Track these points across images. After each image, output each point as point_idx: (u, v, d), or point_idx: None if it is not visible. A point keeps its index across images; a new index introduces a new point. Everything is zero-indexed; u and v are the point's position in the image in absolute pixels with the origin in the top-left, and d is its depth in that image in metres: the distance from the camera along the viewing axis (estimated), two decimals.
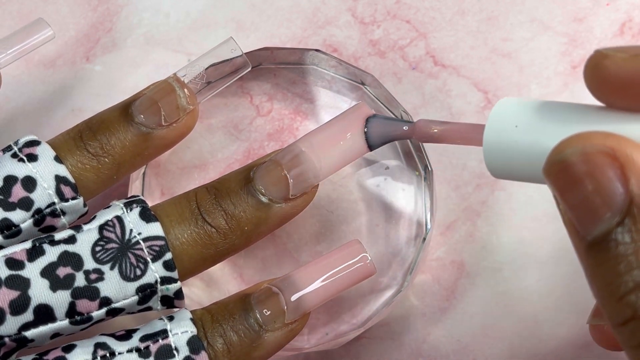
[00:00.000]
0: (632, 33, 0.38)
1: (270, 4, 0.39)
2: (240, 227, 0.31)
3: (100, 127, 0.32)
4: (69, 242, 0.29)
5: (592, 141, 0.21)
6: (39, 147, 0.31)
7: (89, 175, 0.32)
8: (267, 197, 0.31)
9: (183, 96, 0.33)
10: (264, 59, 0.37)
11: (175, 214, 0.31)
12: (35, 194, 0.30)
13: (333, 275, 0.31)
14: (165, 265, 0.30)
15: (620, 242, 0.20)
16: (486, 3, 0.38)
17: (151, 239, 0.30)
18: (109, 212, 0.30)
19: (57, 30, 0.40)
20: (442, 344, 0.37)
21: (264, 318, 0.30)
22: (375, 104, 0.37)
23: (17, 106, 0.39)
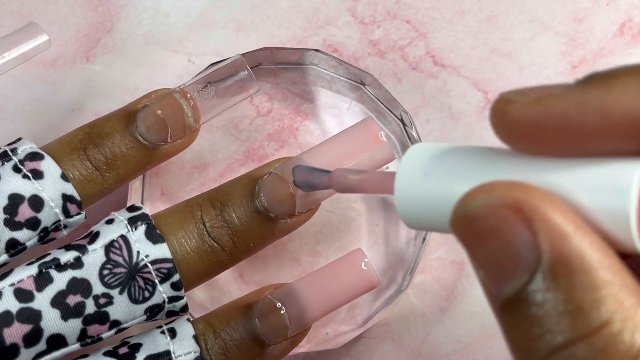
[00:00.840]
0: (632, 33, 0.38)
1: (270, 4, 0.39)
2: (245, 243, 0.31)
3: (104, 140, 0.31)
4: (76, 267, 0.29)
5: (496, 193, 0.19)
6: (43, 162, 0.30)
7: (92, 189, 0.31)
8: (273, 214, 0.31)
9: (191, 115, 0.32)
10: (263, 59, 0.37)
11: (180, 230, 0.30)
12: (42, 214, 0.30)
13: (336, 288, 0.31)
14: (173, 286, 0.29)
15: (531, 303, 0.18)
16: (486, 3, 0.38)
17: (159, 261, 0.29)
18: (112, 230, 0.30)
19: (57, 30, 0.40)
20: (442, 344, 0.37)
21: (267, 333, 0.30)
22: (375, 104, 0.37)
23: (17, 106, 0.39)
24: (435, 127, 0.38)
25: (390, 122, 0.37)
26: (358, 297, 0.32)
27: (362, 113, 0.37)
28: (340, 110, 0.37)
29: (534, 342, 0.18)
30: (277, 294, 0.31)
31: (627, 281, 0.18)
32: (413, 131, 0.35)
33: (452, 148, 0.22)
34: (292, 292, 0.31)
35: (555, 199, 0.19)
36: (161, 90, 0.33)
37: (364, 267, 0.31)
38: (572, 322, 0.18)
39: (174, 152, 0.33)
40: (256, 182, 0.31)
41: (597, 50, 0.38)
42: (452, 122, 0.38)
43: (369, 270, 0.31)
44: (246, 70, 0.33)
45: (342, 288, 0.31)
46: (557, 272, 0.18)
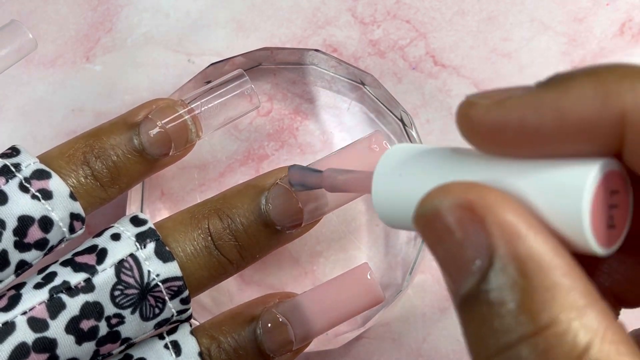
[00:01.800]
0: (632, 33, 0.38)
1: (270, 4, 0.39)
2: (252, 255, 0.31)
3: (108, 154, 0.31)
4: (87, 290, 0.28)
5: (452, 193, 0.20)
6: (51, 181, 0.30)
7: (94, 201, 0.31)
8: (280, 226, 0.31)
9: (194, 131, 0.32)
10: (263, 59, 0.37)
11: (189, 246, 0.30)
12: (51, 234, 0.29)
13: (341, 303, 0.31)
14: (182, 301, 0.30)
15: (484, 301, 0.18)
16: (486, 3, 0.38)
17: (170, 280, 0.29)
18: (121, 248, 0.29)
19: (57, 30, 0.40)
20: (442, 344, 0.37)
21: (272, 347, 0.30)
22: (375, 104, 0.37)
23: (17, 106, 0.39)
24: (435, 127, 0.38)
25: (390, 122, 0.37)
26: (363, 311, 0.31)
27: (362, 113, 0.37)
28: (340, 110, 0.37)
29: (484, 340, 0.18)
30: (282, 308, 0.31)
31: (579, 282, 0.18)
32: (413, 131, 0.35)
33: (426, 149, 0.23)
34: (298, 307, 0.31)
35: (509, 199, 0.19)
36: (162, 100, 0.33)
37: (369, 281, 0.31)
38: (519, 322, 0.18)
39: (171, 162, 0.33)
40: (262, 193, 0.31)
41: (597, 50, 0.38)
42: (452, 122, 0.38)
43: (374, 285, 0.31)
44: (250, 86, 0.33)
45: (347, 303, 0.31)
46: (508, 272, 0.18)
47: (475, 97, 0.21)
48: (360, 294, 0.31)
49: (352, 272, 0.31)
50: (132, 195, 0.36)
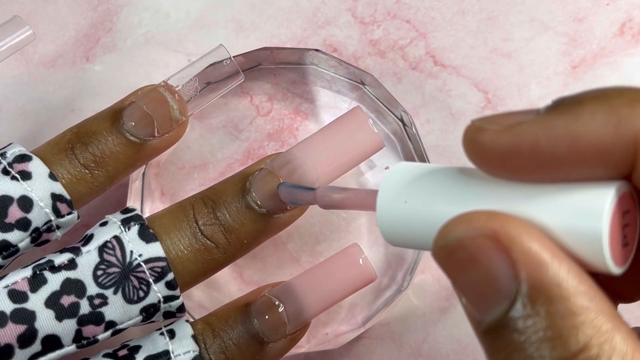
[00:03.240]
0: (632, 33, 0.38)
1: (270, 4, 0.39)
2: (239, 240, 0.31)
3: (92, 139, 0.31)
4: (70, 268, 0.29)
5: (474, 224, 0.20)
6: (31, 163, 0.30)
7: (82, 189, 0.31)
8: (265, 209, 0.31)
9: (176, 108, 0.32)
10: (263, 59, 0.37)
11: (174, 230, 0.30)
12: (32, 214, 0.30)
13: (334, 284, 0.31)
14: (168, 285, 0.30)
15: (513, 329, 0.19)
16: (486, 3, 0.38)
17: (152, 260, 0.29)
18: (106, 232, 0.30)
19: (57, 30, 0.40)
20: (442, 344, 0.37)
21: (266, 330, 0.30)
22: (375, 103, 0.37)
23: (17, 106, 0.39)
24: (435, 127, 0.38)
25: (390, 122, 0.37)
26: (356, 292, 0.31)
27: None
28: (340, 110, 0.37)
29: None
30: (275, 291, 0.31)
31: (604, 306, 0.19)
32: (413, 130, 0.35)
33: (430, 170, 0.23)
34: (290, 289, 0.31)
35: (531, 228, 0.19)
36: (147, 86, 0.33)
37: (360, 261, 0.31)
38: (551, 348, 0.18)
39: (163, 147, 0.33)
40: (247, 179, 0.31)
41: (597, 50, 0.38)
42: (452, 122, 0.38)
43: (366, 264, 0.31)
44: (228, 59, 0.33)
45: (340, 283, 0.31)
46: (535, 299, 0.19)
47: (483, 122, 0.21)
48: (351, 272, 0.31)
49: (343, 252, 0.32)
50: (132, 196, 0.36)
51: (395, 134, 0.37)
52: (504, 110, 0.37)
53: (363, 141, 0.31)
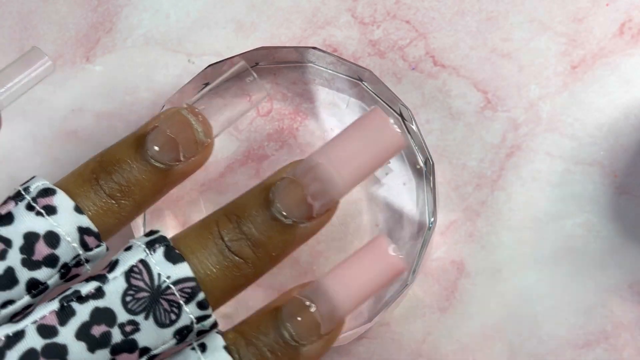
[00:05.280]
0: (632, 33, 0.38)
1: (270, 4, 0.39)
2: (267, 253, 0.30)
3: (116, 167, 0.30)
4: (98, 297, 0.28)
5: None
6: (55, 197, 0.29)
7: (110, 220, 0.30)
8: (290, 219, 0.30)
9: (200, 130, 0.31)
10: (262, 58, 0.37)
11: (200, 249, 0.29)
12: (59, 250, 0.29)
13: (364, 277, 0.30)
14: (199, 305, 0.29)
15: None
16: (486, 3, 0.38)
17: (181, 281, 0.28)
18: (131, 256, 0.29)
19: (57, 30, 0.40)
20: (442, 344, 0.37)
21: (300, 333, 0.29)
22: (374, 99, 0.37)
23: (18, 106, 0.39)
24: (435, 127, 0.38)
25: (390, 117, 0.37)
26: (388, 284, 0.30)
27: (361, 109, 0.37)
28: (339, 108, 0.37)
29: None
30: (305, 292, 0.30)
31: None
32: (413, 125, 0.35)
33: None
34: (320, 288, 0.29)
35: None
36: (169, 109, 0.32)
37: (391, 251, 0.30)
38: None
39: (190, 171, 0.32)
40: (269, 189, 0.30)
41: (597, 50, 0.38)
42: (452, 122, 0.38)
43: (396, 255, 0.30)
44: (252, 77, 0.32)
45: (370, 277, 0.30)
46: None
47: None
48: (382, 264, 0.30)
49: (370, 245, 0.30)
50: None
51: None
52: (504, 110, 0.37)
53: (385, 141, 0.30)
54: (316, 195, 0.30)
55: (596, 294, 0.37)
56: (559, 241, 0.37)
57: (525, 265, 0.37)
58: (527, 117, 0.38)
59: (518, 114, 0.38)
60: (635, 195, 0.37)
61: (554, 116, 0.38)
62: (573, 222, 0.37)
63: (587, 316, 0.37)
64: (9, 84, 0.31)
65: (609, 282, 0.37)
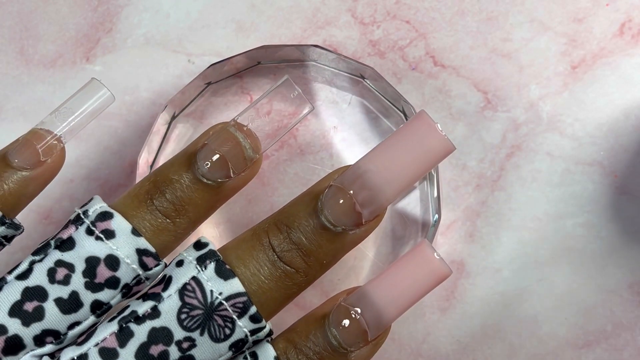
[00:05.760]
0: (632, 33, 0.38)
1: (270, 4, 0.39)
2: (318, 261, 0.30)
3: (169, 187, 0.31)
4: (154, 317, 0.29)
5: None
6: (113, 220, 0.30)
7: (166, 238, 0.31)
8: (340, 227, 0.30)
9: (249, 147, 0.31)
10: (263, 57, 0.37)
11: (251, 260, 0.30)
12: (120, 272, 0.30)
13: (409, 284, 0.30)
14: (252, 319, 0.29)
15: None
16: (486, 3, 0.38)
17: (233, 297, 0.29)
18: (183, 273, 0.29)
19: (57, 30, 0.40)
20: (442, 344, 0.37)
21: (347, 340, 0.30)
22: (376, 97, 0.37)
23: (17, 106, 0.39)
24: None
25: (392, 114, 0.37)
26: (433, 289, 0.30)
27: (364, 107, 0.37)
28: (341, 108, 0.37)
29: None
30: (350, 299, 0.30)
31: None
32: None
33: None
34: (365, 295, 0.30)
35: None
36: (218, 125, 0.32)
37: (436, 256, 0.30)
38: None
39: (240, 185, 0.32)
40: (318, 197, 0.30)
41: (597, 51, 0.38)
42: (452, 122, 0.38)
43: (440, 261, 0.30)
44: (296, 92, 0.32)
45: (415, 283, 0.30)
46: None
47: None
48: (426, 269, 0.30)
49: (414, 251, 0.30)
50: None
51: (397, 126, 0.37)
52: (504, 110, 0.37)
53: (432, 146, 0.30)
54: (364, 204, 0.30)
55: (596, 294, 0.37)
56: (559, 241, 0.37)
57: (525, 265, 0.37)
58: (527, 117, 0.38)
59: (518, 114, 0.38)
60: (635, 195, 0.37)
61: (554, 116, 0.38)
62: (573, 222, 0.37)
63: (587, 316, 0.37)
64: (70, 117, 0.32)
65: (609, 282, 0.37)
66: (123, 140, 0.39)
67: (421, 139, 0.30)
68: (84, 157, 0.39)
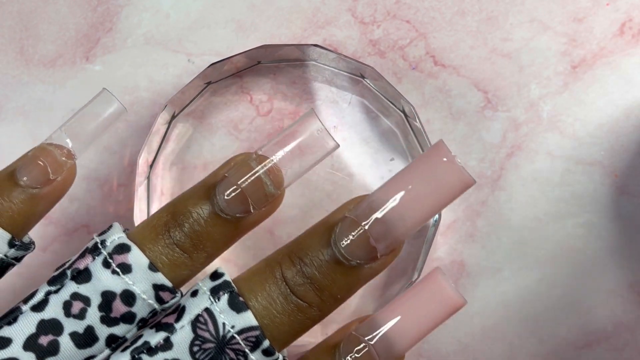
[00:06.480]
0: (632, 33, 0.38)
1: (270, 4, 0.39)
2: (332, 296, 0.30)
3: (188, 221, 0.30)
4: (166, 349, 0.28)
5: None
6: (130, 254, 0.29)
7: (183, 272, 0.30)
8: (354, 261, 0.29)
9: (270, 182, 0.30)
10: (263, 57, 0.37)
11: (264, 293, 0.29)
12: (136, 307, 0.29)
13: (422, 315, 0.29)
14: (265, 353, 0.29)
15: None
16: (486, 3, 0.38)
17: (246, 330, 0.28)
18: (197, 304, 0.29)
19: (57, 30, 0.40)
20: (442, 344, 0.37)
21: None
22: (376, 96, 0.37)
23: (17, 106, 0.39)
24: (435, 127, 0.38)
25: (393, 114, 0.37)
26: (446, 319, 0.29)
27: (364, 107, 0.37)
28: (341, 107, 0.37)
29: None
30: (361, 329, 0.30)
31: None
32: (417, 122, 0.35)
33: None
34: (377, 325, 0.29)
35: None
36: (239, 156, 0.31)
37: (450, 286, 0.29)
38: None
39: (259, 220, 0.32)
40: (332, 229, 0.29)
41: (597, 50, 0.38)
42: (452, 122, 0.38)
43: (454, 290, 0.29)
44: (320, 129, 0.30)
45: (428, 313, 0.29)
46: None
47: None
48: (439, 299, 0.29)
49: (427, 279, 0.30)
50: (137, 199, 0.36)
51: (398, 126, 0.37)
52: (504, 110, 0.37)
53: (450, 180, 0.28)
54: (379, 238, 0.28)
55: (596, 294, 0.37)
56: (559, 241, 0.37)
57: (526, 265, 0.37)
58: (527, 117, 0.38)
59: (518, 114, 0.38)
60: (636, 195, 0.37)
61: (555, 116, 0.38)
62: (573, 222, 0.37)
63: (587, 316, 0.37)
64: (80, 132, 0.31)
65: (610, 282, 0.37)
66: (123, 140, 0.39)
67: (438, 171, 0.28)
68: (84, 157, 0.39)
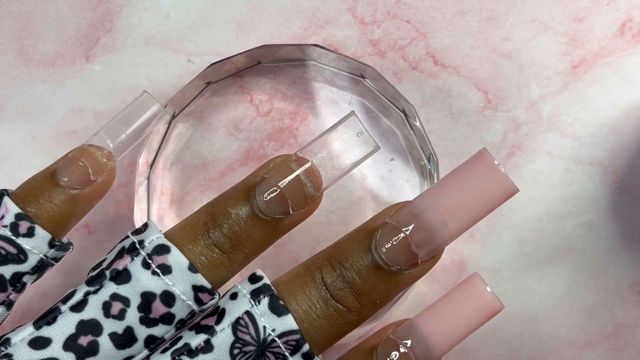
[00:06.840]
0: (632, 33, 0.38)
1: (270, 4, 0.39)
2: (371, 301, 0.30)
3: (227, 222, 0.30)
4: (207, 351, 0.28)
5: None
6: (170, 255, 0.29)
7: (222, 272, 0.30)
8: (394, 267, 0.29)
9: (310, 185, 0.30)
10: (263, 57, 0.37)
11: (304, 297, 0.29)
12: (175, 308, 0.29)
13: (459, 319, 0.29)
14: (305, 357, 0.29)
15: None
16: (486, 3, 0.38)
17: (286, 334, 0.28)
18: (237, 307, 0.29)
19: (57, 30, 0.40)
20: None
21: None
22: (376, 97, 0.37)
23: (17, 106, 0.39)
24: (435, 127, 0.38)
25: (393, 114, 0.37)
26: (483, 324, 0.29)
27: (364, 107, 0.37)
28: (341, 108, 0.37)
29: None
30: (399, 332, 0.30)
31: None
32: (417, 122, 0.35)
33: None
34: (415, 328, 0.29)
35: None
36: (279, 157, 0.31)
37: (488, 291, 0.29)
38: None
39: (299, 221, 0.32)
40: (372, 235, 0.29)
41: (598, 50, 0.38)
42: (452, 122, 0.38)
43: (492, 295, 0.29)
44: (362, 132, 0.30)
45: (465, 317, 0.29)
46: None
47: None
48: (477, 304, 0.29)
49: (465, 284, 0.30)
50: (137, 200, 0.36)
51: (398, 126, 0.37)
52: (504, 110, 0.37)
53: (493, 187, 0.28)
54: (420, 244, 0.28)
55: (596, 294, 0.37)
56: (559, 241, 0.37)
57: (525, 265, 0.37)
58: (527, 117, 0.38)
59: (518, 114, 0.38)
60: (636, 195, 0.37)
61: (555, 116, 0.38)
62: (573, 222, 0.37)
63: (587, 316, 0.37)
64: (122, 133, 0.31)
65: (609, 282, 0.37)
66: None
67: (482, 179, 0.28)
68: None
